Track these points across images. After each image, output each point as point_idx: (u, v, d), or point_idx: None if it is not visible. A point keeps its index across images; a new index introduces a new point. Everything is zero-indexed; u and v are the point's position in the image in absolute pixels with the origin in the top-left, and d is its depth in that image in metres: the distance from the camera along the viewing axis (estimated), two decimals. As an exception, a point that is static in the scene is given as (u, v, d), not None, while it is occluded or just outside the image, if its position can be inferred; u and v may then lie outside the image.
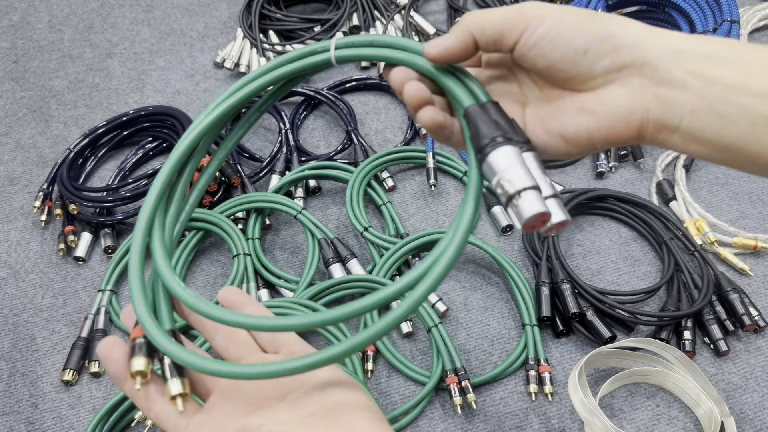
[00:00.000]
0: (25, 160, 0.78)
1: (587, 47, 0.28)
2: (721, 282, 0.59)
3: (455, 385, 0.54)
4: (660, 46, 0.28)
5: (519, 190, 0.27)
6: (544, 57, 0.29)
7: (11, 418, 0.56)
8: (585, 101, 0.29)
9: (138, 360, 0.31)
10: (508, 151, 0.28)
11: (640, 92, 0.28)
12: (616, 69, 0.28)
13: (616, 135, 0.29)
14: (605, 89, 0.29)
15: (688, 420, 0.54)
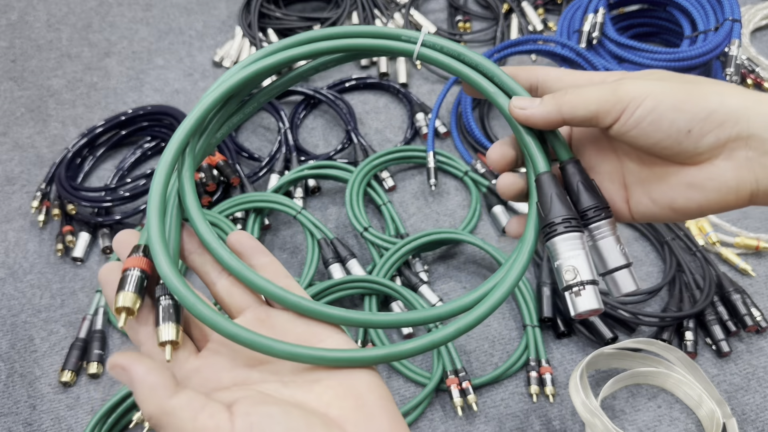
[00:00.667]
0: (23, 160, 0.77)
1: (690, 127, 0.28)
2: (723, 282, 0.59)
3: (456, 386, 0.54)
4: (763, 117, 0.27)
5: (580, 283, 0.29)
6: (646, 137, 0.29)
7: (9, 419, 0.56)
8: (692, 176, 0.29)
9: (126, 295, 0.29)
10: (574, 239, 0.30)
11: (748, 165, 0.28)
12: (721, 145, 0.28)
13: (726, 204, 0.29)
14: (711, 164, 0.29)
15: (690, 421, 0.54)
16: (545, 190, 0.31)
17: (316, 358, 0.28)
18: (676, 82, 0.29)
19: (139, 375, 0.26)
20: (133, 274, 0.29)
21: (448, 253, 0.66)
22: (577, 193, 0.31)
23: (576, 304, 0.30)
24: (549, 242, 0.31)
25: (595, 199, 0.31)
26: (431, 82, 0.83)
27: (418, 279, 0.61)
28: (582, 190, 0.31)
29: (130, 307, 0.29)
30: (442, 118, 0.78)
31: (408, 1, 0.90)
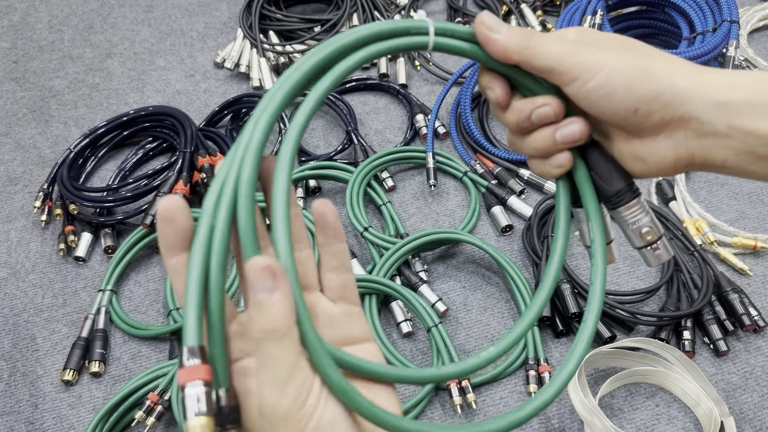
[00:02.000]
0: (25, 160, 0.78)
1: (637, 107, 0.30)
2: (720, 282, 0.59)
3: (455, 384, 0.54)
4: (706, 101, 0.29)
5: (660, 237, 0.33)
6: (595, 107, 0.31)
7: (11, 418, 0.56)
8: (637, 149, 0.32)
9: (199, 421, 0.23)
10: (640, 202, 0.33)
11: (685, 143, 0.31)
12: (664, 124, 0.30)
13: (665, 173, 0.32)
14: (653, 140, 0.31)
15: (688, 420, 0.54)
16: (601, 164, 0.33)
17: None
18: (632, 57, 0.30)
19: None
20: (196, 392, 0.24)
21: (448, 252, 0.66)
22: (608, 175, 0.33)
23: (656, 257, 0.33)
24: (620, 209, 0.33)
25: (629, 178, 0.33)
26: (431, 83, 0.84)
27: (418, 278, 0.62)
28: (615, 171, 0.33)
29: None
30: (442, 118, 0.78)
31: (408, 3, 0.90)
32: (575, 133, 0.32)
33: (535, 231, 0.63)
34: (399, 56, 0.85)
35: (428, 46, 0.31)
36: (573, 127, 0.32)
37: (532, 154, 0.34)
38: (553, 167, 0.33)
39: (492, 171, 0.71)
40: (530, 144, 0.34)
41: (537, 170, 0.35)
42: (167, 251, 0.27)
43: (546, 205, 0.65)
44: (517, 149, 0.35)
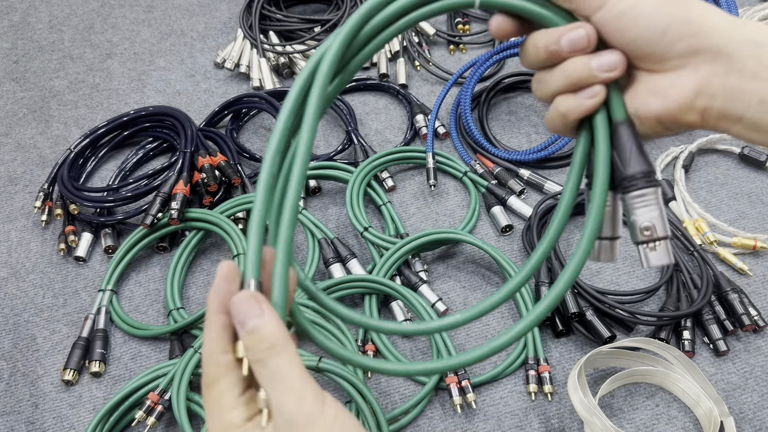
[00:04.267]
0: (25, 161, 0.78)
1: (666, 29, 0.28)
2: (720, 282, 0.59)
3: (455, 384, 0.54)
4: (738, 36, 0.28)
5: (656, 238, 0.30)
6: (623, 32, 0.29)
7: (12, 418, 0.56)
8: (657, 83, 0.30)
9: None
10: (651, 194, 0.30)
11: (709, 79, 0.29)
12: (691, 53, 0.29)
13: (681, 116, 0.30)
14: (677, 73, 0.29)
15: (688, 420, 0.54)
16: (624, 141, 0.31)
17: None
18: None
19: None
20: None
21: (448, 252, 0.67)
22: (629, 156, 0.31)
23: (650, 258, 0.30)
24: (627, 196, 0.31)
25: (648, 166, 0.31)
26: (431, 83, 0.84)
27: (418, 278, 0.62)
28: (635, 154, 0.31)
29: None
30: (442, 119, 0.78)
31: None
32: (613, 61, 0.30)
33: (535, 231, 0.63)
34: (399, 56, 0.85)
35: (475, 4, 0.31)
36: (611, 56, 0.30)
37: (561, 88, 0.31)
38: (587, 98, 0.31)
39: (492, 171, 0.72)
40: (561, 72, 0.31)
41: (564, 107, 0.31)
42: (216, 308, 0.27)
43: (546, 205, 0.65)
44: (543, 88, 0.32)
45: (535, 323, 0.31)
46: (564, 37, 0.30)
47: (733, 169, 0.71)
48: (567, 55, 0.31)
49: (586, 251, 0.31)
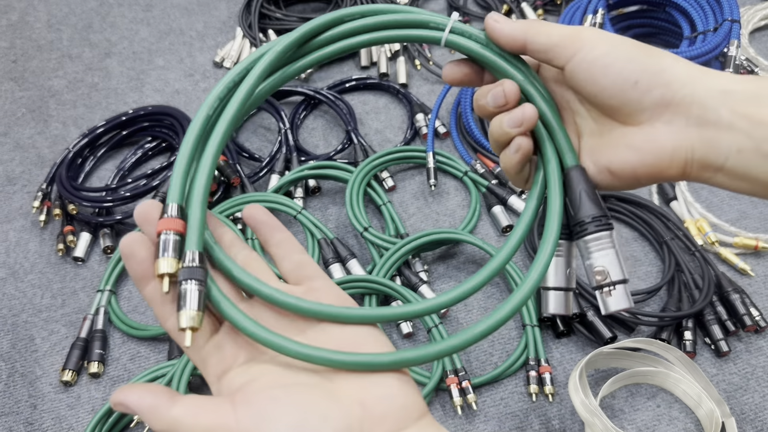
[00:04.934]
0: (24, 160, 0.77)
1: (638, 78, 0.28)
2: (721, 282, 0.59)
3: (455, 385, 0.54)
4: (709, 86, 0.28)
5: (611, 283, 0.30)
6: (595, 82, 0.30)
7: (10, 419, 0.56)
8: (631, 137, 0.30)
9: (166, 261, 0.28)
10: (604, 237, 0.30)
11: (686, 132, 0.28)
12: (664, 105, 0.28)
13: (660, 172, 0.30)
14: (651, 126, 0.29)
15: (689, 421, 0.54)
16: (574, 186, 0.31)
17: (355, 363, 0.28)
18: (635, 42, 0.30)
19: (135, 402, 0.27)
20: (170, 238, 0.28)
21: (448, 253, 0.66)
22: (579, 201, 0.31)
23: (607, 303, 0.30)
24: (579, 241, 0.31)
25: (599, 210, 0.31)
26: (431, 82, 0.84)
27: (418, 279, 0.61)
28: (585, 199, 0.31)
29: (173, 272, 0.28)
30: (442, 118, 0.78)
31: (408, 2, 0.90)
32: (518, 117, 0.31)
33: (536, 231, 0.63)
34: (399, 55, 0.85)
35: (441, 41, 0.33)
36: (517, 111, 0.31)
37: (493, 146, 0.33)
38: (512, 152, 0.32)
39: (492, 171, 0.71)
40: (489, 132, 0.33)
41: (503, 162, 0.33)
42: (139, 283, 0.29)
43: (546, 205, 0.65)
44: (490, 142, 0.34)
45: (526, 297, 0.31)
46: (489, 93, 0.32)
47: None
48: (493, 110, 0.32)
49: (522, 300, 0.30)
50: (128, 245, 0.29)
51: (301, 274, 0.33)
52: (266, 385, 0.27)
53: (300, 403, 0.26)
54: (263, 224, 0.34)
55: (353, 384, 0.28)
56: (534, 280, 0.31)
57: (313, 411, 0.26)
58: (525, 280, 0.31)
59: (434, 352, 0.30)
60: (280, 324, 0.31)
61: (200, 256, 0.29)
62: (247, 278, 0.30)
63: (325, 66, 0.86)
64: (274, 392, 0.27)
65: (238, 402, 0.26)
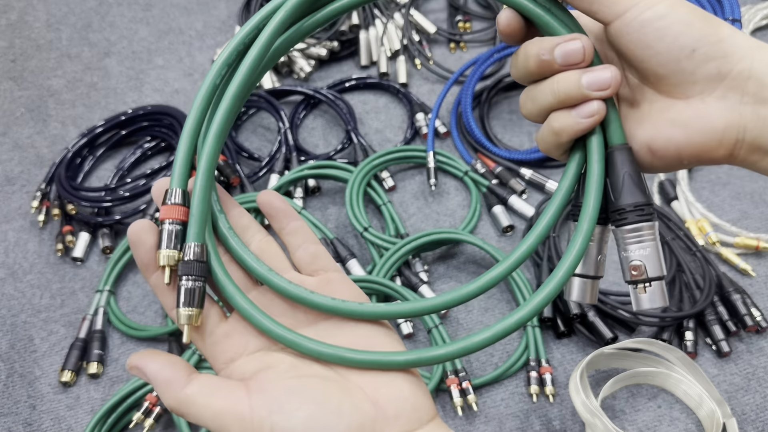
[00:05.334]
0: (22, 160, 0.77)
1: (696, 47, 0.26)
2: (723, 282, 0.59)
3: (456, 386, 0.54)
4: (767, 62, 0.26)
5: (647, 279, 0.27)
6: (646, 46, 0.26)
7: (9, 419, 0.56)
8: (678, 112, 0.27)
9: (166, 253, 0.28)
10: (645, 228, 0.28)
11: (740, 109, 0.26)
12: (719, 78, 0.26)
13: (706, 153, 0.27)
14: (702, 101, 0.26)
15: (690, 421, 0.53)
16: (618, 169, 0.28)
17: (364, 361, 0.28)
18: (694, 6, 0.27)
19: (153, 372, 0.27)
20: (171, 228, 0.28)
21: (448, 253, 0.66)
22: (621, 185, 0.28)
23: (641, 300, 0.28)
24: (618, 230, 0.28)
25: (643, 197, 0.28)
26: (431, 82, 0.83)
27: (418, 279, 0.61)
28: (628, 183, 0.28)
29: (172, 265, 0.28)
30: (442, 118, 0.78)
31: (408, 1, 0.90)
32: (606, 79, 0.27)
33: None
34: (399, 55, 0.84)
35: None
36: (604, 72, 0.27)
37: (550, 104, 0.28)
38: (584, 116, 0.27)
39: (493, 170, 0.71)
40: (549, 87, 0.28)
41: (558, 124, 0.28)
42: (145, 271, 0.29)
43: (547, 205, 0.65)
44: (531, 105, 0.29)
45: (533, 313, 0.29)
46: (558, 48, 0.27)
47: (735, 169, 0.71)
48: (559, 67, 0.28)
49: (561, 283, 0.28)
50: (136, 232, 0.28)
51: (316, 265, 0.32)
52: (281, 375, 0.27)
53: (315, 397, 0.26)
54: (279, 211, 0.33)
55: (366, 381, 0.27)
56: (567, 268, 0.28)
57: (328, 406, 0.26)
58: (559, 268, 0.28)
59: (451, 352, 0.29)
60: (291, 313, 0.30)
61: (201, 249, 0.28)
62: (260, 268, 0.30)
63: (325, 65, 0.86)
64: (289, 383, 0.26)
65: (252, 389, 0.26)
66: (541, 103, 0.29)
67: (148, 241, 0.28)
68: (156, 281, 0.29)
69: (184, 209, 0.29)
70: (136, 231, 0.28)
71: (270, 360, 0.28)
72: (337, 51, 0.85)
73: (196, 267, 0.28)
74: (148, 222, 0.29)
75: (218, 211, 0.31)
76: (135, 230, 0.28)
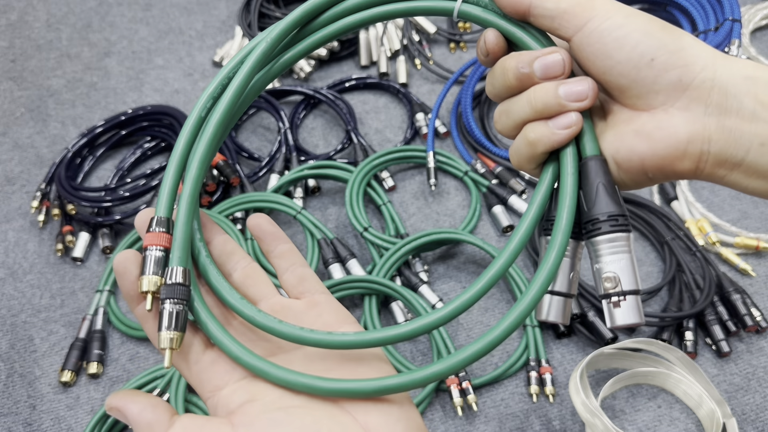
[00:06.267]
0: (22, 160, 0.77)
1: (655, 55, 0.25)
2: (723, 282, 0.59)
3: (456, 386, 0.54)
4: (732, 72, 0.25)
5: (621, 293, 0.26)
6: (607, 56, 0.26)
7: (9, 419, 0.56)
8: (642, 123, 0.27)
9: (148, 279, 0.28)
10: (619, 239, 0.27)
11: (703, 120, 0.25)
12: (681, 88, 0.25)
13: (670, 165, 0.26)
14: (665, 111, 0.26)
15: (690, 421, 0.53)
16: (591, 179, 0.27)
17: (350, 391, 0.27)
18: (653, 17, 0.27)
19: (134, 415, 0.26)
20: (153, 254, 0.28)
21: (448, 253, 0.66)
22: (594, 196, 0.27)
23: (614, 316, 0.27)
24: (590, 241, 0.27)
25: (618, 208, 0.27)
26: (431, 82, 0.83)
27: (418, 279, 0.61)
28: (602, 194, 0.27)
29: (155, 291, 0.28)
30: (442, 118, 0.78)
31: (408, 1, 0.90)
32: (583, 90, 0.27)
33: (536, 231, 0.63)
34: (399, 55, 0.84)
35: (453, 13, 0.31)
36: (581, 83, 0.27)
37: (528, 116, 0.28)
38: (561, 128, 0.27)
39: (493, 170, 0.71)
40: (526, 99, 0.28)
41: (534, 135, 0.28)
42: (131, 301, 0.29)
43: (547, 204, 0.65)
44: (506, 119, 0.30)
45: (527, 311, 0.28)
46: (537, 61, 0.28)
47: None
48: (538, 81, 0.28)
49: (533, 302, 0.27)
50: (122, 263, 0.28)
51: (303, 287, 0.32)
52: (267, 407, 0.26)
53: (303, 427, 0.25)
54: (268, 234, 0.34)
55: (356, 407, 0.27)
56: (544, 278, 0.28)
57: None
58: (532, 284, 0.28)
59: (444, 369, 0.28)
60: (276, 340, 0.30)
61: (183, 273, 0.28)
62: (232, 298, 0.30)
63: (325, 65, 0.86)
64: (275, 415, 0.26)
65: (237, 424, 0.26)
66: (517, 116, 0.29)
67: (134, 272, 0.28)
68: (141, 312, 0.29)
69: (168, 236, 0.29)
70: (122, 261, 0.28)
71: (255, 389, 0.28)
72: (337, 51, 0.85)
73: (179, 290, 0.28)
74: (133, 252, 0.29)
75: (198, 240, 0.31)
76: (121, 261, 0.28)
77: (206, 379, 0.28)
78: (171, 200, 0.30)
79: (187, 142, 0.31)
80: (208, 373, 0.28)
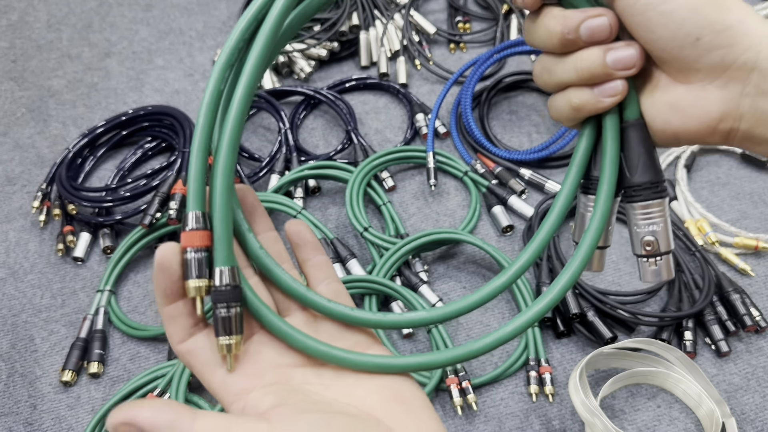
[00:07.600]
0: (23, 160, 0.77)
1: (700, 35, 0.25)
2: (722, 282, 0.59)
3: (455, 385, 0.54)
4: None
5: (657, 253, 0.28)
6: (650, 30, 0.26)
7: (10, 419, 0.56)
8: (678, 96, 0.27)
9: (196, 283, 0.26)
10: (657, 205, 0.28)
11: (738, 100, 0.25)
12: (723, 68, 0.25)
13: (701, 138, 0.27)
14: (702, 88, 0.26)
15: (689, 421, 0.54)
16: (633, 144, 0.28)
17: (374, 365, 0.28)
18: None
19: (148, 419, 0.23)
20: (197, 257, 0.26)
21: (448, 253, 0.66)
22: (636, 163, 0.28)
23: (648, 273, 0.29)
24: (630, 205, 0.29)
25: (658, 175, 0.28)
26: (431, 82, 0.84)
27: (418, 279, 0.61)
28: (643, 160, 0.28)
29: (203, 295, 0.27)
30: (442, 118, 0.78)
31: (408, 2, 0.90)
32: (631, 57, 0.26)
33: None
34: (399, 55, 0.84)
35: None
36: (629, 50, 0.26)
37: (572, 80, 0.28)
38: (606, 95, 0.27)
39: (493, 171, 0.71)
40: (572, 65, 0.28)
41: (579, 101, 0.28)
42: (164, 298, 0.27)
43: (547, 205, 0.65)
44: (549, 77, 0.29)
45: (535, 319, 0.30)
46: (584, 25, 0.27)
47: (735, 169, 0.71)
48: (584, 44, 0.27)
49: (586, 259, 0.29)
50: (167, 257, 0.26)
51: (337, 301, 0.32)
52: (303, 409, 0.26)
53: (342, 429, 0.25)
54: (308, 243, 0.32)
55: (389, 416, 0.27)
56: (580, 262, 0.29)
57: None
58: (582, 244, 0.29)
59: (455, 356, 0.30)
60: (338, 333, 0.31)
61: (231, 272, 0.27)
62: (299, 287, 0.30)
63: (325, 66, 0.86)
64: (313, 416, 0.26)
65: (274, 422, 0.25)
66: (559, 78, 0.29)
67: (176, 270, 0.26)
68: (170, 311, 0.27)
69: (206, 233, 0.27)
70: (167, 256, 0.26)
71: (287, 395, 0.27)
72: (337, 51, 0.85)
73: (230, 293, 0.27)
74: (178, 247, 0.27)
75: (246, 231, 0.30)
76: (165, 255, 0.26)
77: (233, 383, 0.27)
78: (201, 193, 0.28)
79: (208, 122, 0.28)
80: (235, 376, 0.28)
